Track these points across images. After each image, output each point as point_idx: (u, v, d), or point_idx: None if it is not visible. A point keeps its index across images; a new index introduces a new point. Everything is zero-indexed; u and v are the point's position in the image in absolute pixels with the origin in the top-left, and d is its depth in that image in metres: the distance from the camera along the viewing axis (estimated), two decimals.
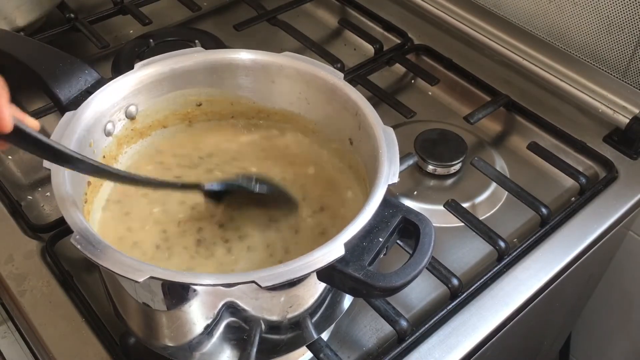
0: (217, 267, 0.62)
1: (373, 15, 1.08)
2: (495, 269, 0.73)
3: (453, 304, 0.70)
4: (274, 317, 0.56)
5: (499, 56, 1.02)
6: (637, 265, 1.00)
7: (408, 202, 0.82)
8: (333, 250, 0.52)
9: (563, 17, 0.96)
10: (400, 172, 0.68)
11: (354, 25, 1.07)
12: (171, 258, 0.63)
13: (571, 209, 0.80)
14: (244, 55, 0.69)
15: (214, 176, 0.71)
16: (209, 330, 0.56)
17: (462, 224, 0.77)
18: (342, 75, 0.68)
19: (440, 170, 0.85)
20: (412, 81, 1.02)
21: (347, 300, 0.63)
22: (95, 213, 0.65)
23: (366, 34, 1.05)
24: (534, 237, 0.77)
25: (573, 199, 0.84)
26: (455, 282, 0.70)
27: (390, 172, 0.58)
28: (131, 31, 1.09)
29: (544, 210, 0.78)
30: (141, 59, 0.69)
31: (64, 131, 0.61)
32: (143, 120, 0.70)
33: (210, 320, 0.55)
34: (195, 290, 0.52)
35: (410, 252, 0.56)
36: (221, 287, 0.52)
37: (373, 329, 0.70)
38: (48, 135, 0.57)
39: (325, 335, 0.66)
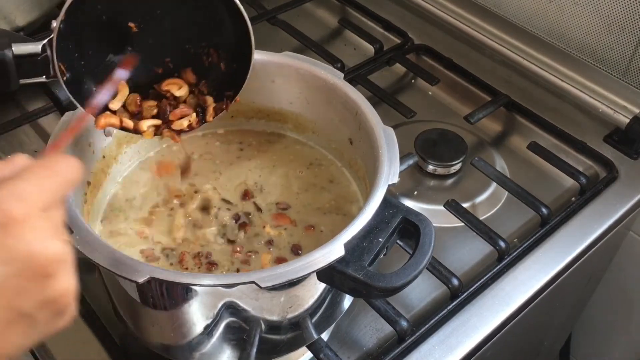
0: None
1: (373, 15, 1.08)
2: (496, 269, 0.73)
3: (453, 304, 0.70)
4: (274, 317, 0.56)
5: (499, 56, 1.02)
6: (637, 265, 1.00)
7: (408, 202, 0.82)
8: (333, 251, 0.52)
9: (563, 17, 0.96)
10: (400, 172, 0.68)
11: (354, 25, 1.07)
12: None
13: (571, 209, 0.80)
14: None
15: (216, 178, 0.71)
16: (208, 331, 0.56)
17: (462, 224, 0.77)
18: (342, 75, 0.68)
19: (440, 170, 0.85)
20: (412, 81, 1.02)
21: (347, 300, 0.63)
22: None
23: (366, 33, 1.05)
24: (534, 237, 0.77)
25: (573, 199, 0.84)
26: (455, 282, 0.70)
27: (390, 172, 0.58)
28: None
29: (544, 210, 0.78)
30: None
31: (64, 131, 0.60)
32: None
33: (210, 320, 0.55)
34: (195, 291, 0.52)
35: (411, 252, 0.56)
36: (221, 288, 0.52)
37: (373, 329, 0.70)
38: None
39: (325, 336, 0.66)
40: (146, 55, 0.62)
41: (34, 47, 0.56)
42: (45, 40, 0.55)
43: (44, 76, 0.57)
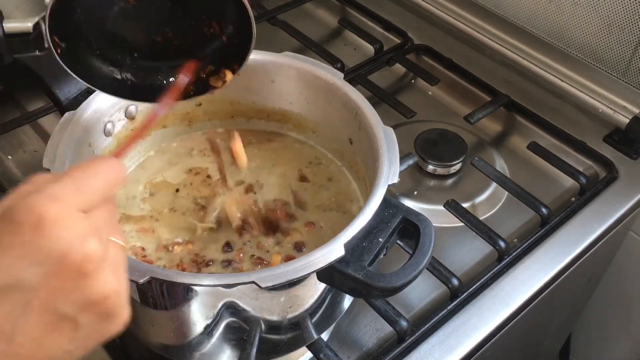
0: None
1: (373, 15, 1.08)
2: (496, 269, 0.73)
3: (453, 304, 0.70)
4: (274, 317, 0.56)
5: (499, 56, 1.02)
6: (637, 265, 1.00)
7: (408, 202, 0.82)
8: (333, 251, 0.52)
9: (563, 17, 0.96)
10: (400, 172, 0.68)
11: (354, 25, 1.07)
12: None
13: (571, 209, 0.80)
14: None
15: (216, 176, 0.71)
16: (209, 331, 0.56)
17: (462, 224, 0.77)
18: (342, 75, 0.68)
19: (440, 170, 0.85)
20: (412, 81, 1.02)
21: (347, 300, 0.63)
22: None
23: (366, 33, 1.05)
24: (534, 237, 0.77)
25: (573, 199, 0.84)
26: (455, 282, 0.70)
27: (390, 172, 0.58)
28: None
29: (544, 210, 0.78)
30: None
31: (64, 131, 0.61)
32: (143, 120, 0.70)
33: (210, 320, 0.55)
34: (195, 291, 0.52)
35: (410, 252, 0.56)
36: (221, 288, 0.52)
37: (373, 329, 0.70)
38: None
39: (325, 336, 0.66)
40: (144, 24, 0.60)
41: (25, 25, 0.54)
42: (37, 18, 0.54)
43: (37, 51, 0.55)
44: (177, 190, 0.70)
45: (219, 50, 0.62)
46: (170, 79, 0.62)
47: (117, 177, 0.41)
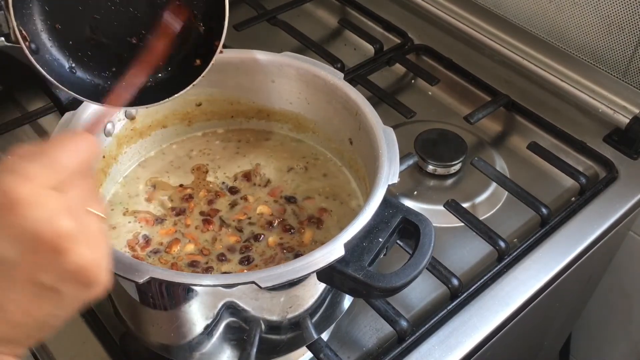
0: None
1: (373, 15, 1.08)
2: (496, 269, 0.73)
3: (453, 304, 0.70)
4: (274, 318, 0.57)
5: (499, 56, 1.02)
6: (637, 265, 1.00)
7: (408, 202, 0.82)
8: (333, 251, 0.52)
9: (563, 17, 0.96)
10: (400, 172, 0.68)
11: (354, 25, 1.07)
12: None
13: (571, 209, 0.80)
14: (244, 55, 0.70)
15: (215, 175, 0.72)
16: (209, 331, 0.56)
17: (462, 224, 0.77)
18: (342, 75, 0.68)
19: (440, 170, 0.85)
20: (412, 81, 1.02)
21: (347, 300, 0.63)
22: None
23: (366, 34, 1.05)
24: (534, 237, 0.77)
25: (573, 199, 0.84)
26: (455, 282, 0.70)
27: (390, 172, 0.58)
28: None
29: (544, 210, 0.78)
30: None
31: (64, 131, 0.60)
32: (143, 120, 0.70)
33: (210, 320, 0.55)
34: (195, 291, 0.52)
35: (410, 252, 0.56)
36: (221, 288, 0.52)
37: (373, 329, 0.70)
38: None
39: (325, 336, 0.66)
40: (118, 22, 0.59)
41: None
42: None
43: (3, 39, 0.53)
44: (181, 186, 0.70)
45: (200, 42, 0.61)
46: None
47: (90, 152, 0.42)
